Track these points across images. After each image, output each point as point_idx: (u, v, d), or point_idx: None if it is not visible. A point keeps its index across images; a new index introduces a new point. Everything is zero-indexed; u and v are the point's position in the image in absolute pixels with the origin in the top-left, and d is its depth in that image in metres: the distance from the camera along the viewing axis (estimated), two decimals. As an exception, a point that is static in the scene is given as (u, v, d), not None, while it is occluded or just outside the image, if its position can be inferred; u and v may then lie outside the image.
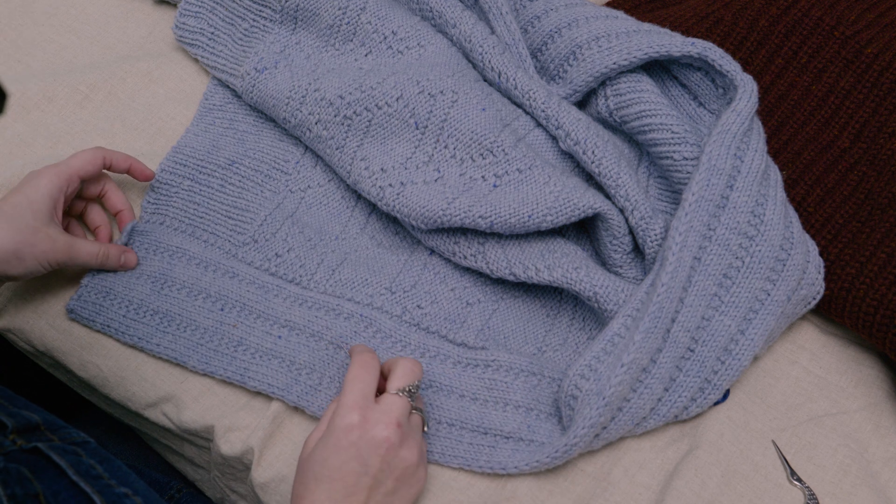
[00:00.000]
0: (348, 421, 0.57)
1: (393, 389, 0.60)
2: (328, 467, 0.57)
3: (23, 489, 0.50)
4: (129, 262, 0.70)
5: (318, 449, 0.58)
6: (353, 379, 0.59)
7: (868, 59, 0.80)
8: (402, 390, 0.60)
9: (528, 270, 0.68)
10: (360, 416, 0.58)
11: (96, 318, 0.69)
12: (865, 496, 0.66)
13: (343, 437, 0.57)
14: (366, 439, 0.57)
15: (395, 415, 0.59)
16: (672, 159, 0.69)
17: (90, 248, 0.67)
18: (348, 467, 0.57)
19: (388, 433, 0.58)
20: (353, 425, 0.57)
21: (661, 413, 0.65)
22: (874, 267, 0.69)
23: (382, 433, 0.58)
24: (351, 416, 0.57)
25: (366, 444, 0.57)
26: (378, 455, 0.57)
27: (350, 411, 0.58)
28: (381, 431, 0.58)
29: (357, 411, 0.58)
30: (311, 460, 0.58)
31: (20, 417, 0.56)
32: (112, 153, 0.70)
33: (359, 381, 0.59)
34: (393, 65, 0.74)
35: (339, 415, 0.58)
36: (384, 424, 0.58)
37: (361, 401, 0.58)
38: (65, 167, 0.67)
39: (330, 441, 0.57)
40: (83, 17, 0.85)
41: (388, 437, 0.58)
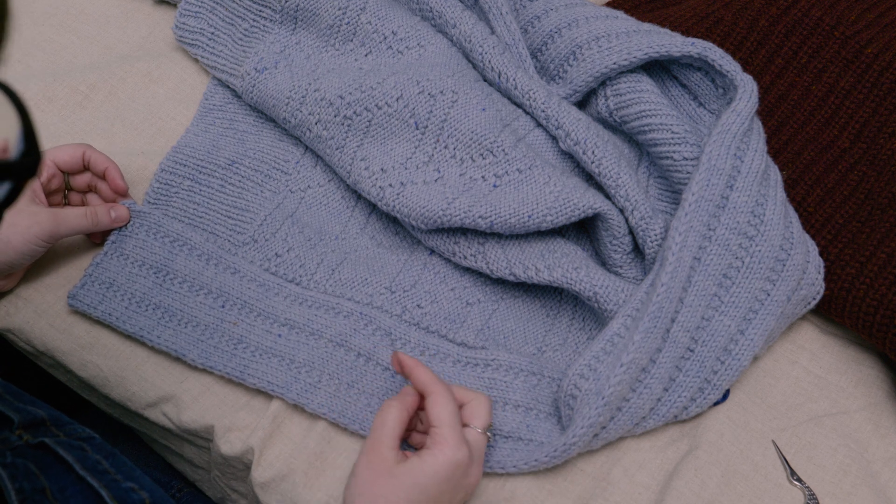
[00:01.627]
0: (462, 457, 0.57)
1: (480, 427, 0.61)
2: (427, 494, 0.57)
3: (30, 484, 0.50)
4: (120, 216, 0.70)
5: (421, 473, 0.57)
6: (454, 412, 0.59)
7: (868, 59, 0.80)
8: (486, 429, 0.61)
9: (528, 270, 0.68)
10: (469, 454, 0.58)
11: (97, 307, 0.69)
12: (865, 496, 0.66)
13: (453, 470, 0.57)
14: (466, 476, 0.59)
15: (483, 453, 0.61)
16: (672, 159, 0.69)
17: (76, 211, 0.67)
18: (443, 498, 0.58)
19: (479, 473, 0.60)
20: (464, 462, 0.58)
21: (661, 413, 0.65)
22: (874, 267, 0.69)
23: (477, 473, 0.60)
24: (463, 452, 0.58)
25: (464, 481, 0.59)
26: (464, 491, 0.60)
27: (462, 446, 0.58)
28: (477, 471, 0.60)
29: (466, 448, 0.58)
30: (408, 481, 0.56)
31: (26, 413, 0.56)
32: (94, 153, 0.70)
33: (457, 416, 0.59)
34: (393, 65, 0.74)
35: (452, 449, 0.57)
36: (478, 464, 0.60)
37: (462, 435, 0.59)
38: None
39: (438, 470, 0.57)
40: (83, 17, 0.85)
41: (478, 477, 0.60)
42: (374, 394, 0.66)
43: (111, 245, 0.71)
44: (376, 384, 0.66)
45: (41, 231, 0.64)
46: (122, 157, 0.76)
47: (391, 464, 0.57)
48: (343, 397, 0.66)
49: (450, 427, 0.58)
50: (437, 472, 0.57)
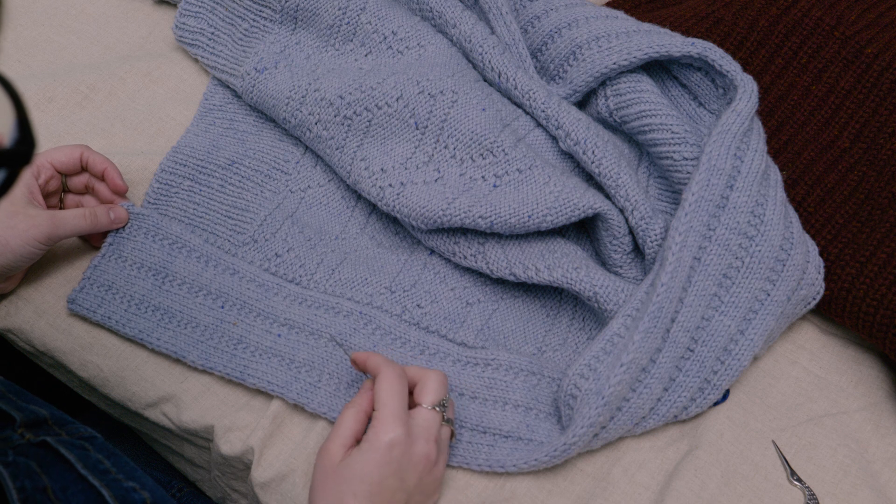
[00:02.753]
0: (393, 436, 0.56)
1: (427, 404, 0.59)
2: (369, 483, 0.56)
3: (31, 483, 0.50)
4: (119, 217, 0.70)
5: (358, 463, 0.56)
6: (390, 391, 0.58)
7: (868, 59, 0.80)
8: (436, 404, 0.59)
9: (528, 270, 0.68)
10: (404, 431, 0.57)
11: (97, 310, 0.69)
12: (865, 496, 0.66)
13: (387, 453, 0.56)
14: (408, 456, 0.57)
15: (433, 431, 0.58)
16: (672, 159, 0.69)
17: (75, 212, 0.67)
18: (388, 483, 0.56)
19: (428, 450, 0.58)
20: (398, 441, 0.56)
21: (661, 413, 0.65)
22: (874, 267, 0.69)
23: (423, 450, 0.57)
24: (396, 431, 0.56)
25: (407, 461, 0.57)
26: (416, 472, 0.57)
27: (395, 425, 0.57)
28: (422, 448, 0.57)
29: (401, 426, 0.57)
30: (350, 474, 0.56)
31: (28, 412, 0.56)
32: (92, 153, 0.70)
33: (397, 395, 0.58)
34: (393, 65, 0.74)
35: (384, 429, 0.56)
36: (424, 441, 0.58)
37: (403, 415, 0.57)
38: (39, 156, 0.67)
39: (373, 456, 0.56)
40: (83, 17, 0.85)
41: (427, 455, 0.58)
42: (374, 394, 0.66)
43: (108, 247, 0.71)
44: (376, 384, 0.66)
45: (39, 233, 0.64)
46: (122, 157, 0.76)
47: (337, 462, 0.57)
48: (343, 397, 0.66)
49: (384, 406, 0.57)
50: (373, 457, 0.56)
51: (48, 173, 0.68)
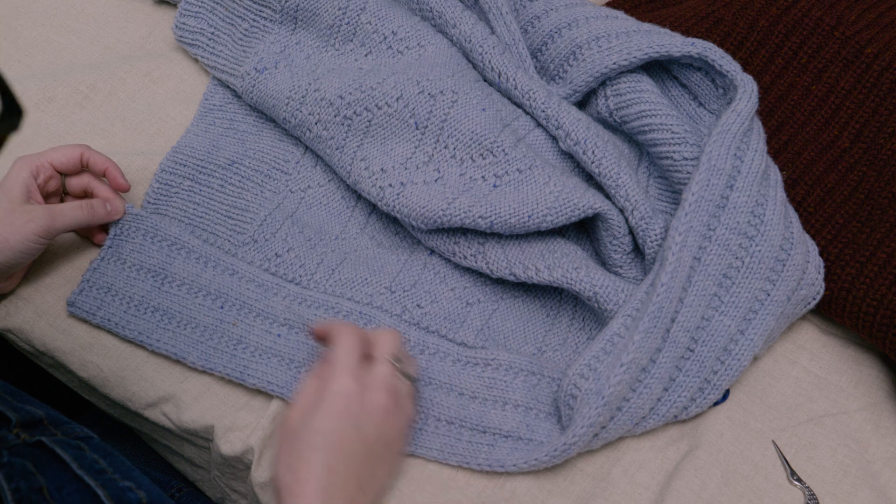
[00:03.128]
0: (345, 388, 0.57)
1: (380, 357, 0.60)
2: (323, 434, 0.56)
3: (27, 483, 0.50)
4: (115, 209, 0.70)
5: (313, 418, 0.57)
6: (341, 348, 0.59)
7: (868, 59, 0.80)
8: (390, 357, 0.60)
9: (528, 270, 0.68)
10: (356, 383, 0.57)
11: (96, 313, 0.69)
12: (865, 496, 0.66)
13: (340, 404, 0.57)
14: (361, 405, 0.57)
15: (387, 381, 0.59)
16: (672, 159, 0.69)
17: (72, 205, 0.67)
18: (344, 433, 0.56)
19: (382, 399, 0.58)
20: (351, 392, 0.57)
21: (661, 413, 0.65)
22: (874, 267, 0.69)
23: (376, 399, 0.58)
24: (348, 383, 0.57)
25: (361, 410, 0.57)
26: (373, 422, 0.57)
27: (346, 378, 0.57)
28: (376, 398, 0.58)
29: (353, 378, 0.58)
30: (305, 430, 0.57)
31: (24, 412, 0.56)
32: (93, 153, 0.70)
33: (348, 350, 0.59)
34: (393, 65, 0.74)
35: (336, 382, 0.57)
36: (376, 390, 0.58)
37: (355, 368, 0.58)
38: (38, 156, 0.67)
39: (326, 409, 0.57)
40: (83, 17, 0.85)
41: (382, 404, 0.58)
42: (374, 394, 0.66)
43: (107, 250, 0.71)
44: (376, 384, 0.66)
45: (37, 227, 0.64)
46: (122, 157, 0.76)
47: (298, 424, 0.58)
48: (343, 397, 0.66)
49: (337, 363, 0.58)
50: (326, 409, 0.56)
51: (47, 173, 0.68)
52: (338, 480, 0.55)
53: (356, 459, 0.57)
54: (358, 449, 0.57)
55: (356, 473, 0.57)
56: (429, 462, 0.65)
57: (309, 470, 0.55)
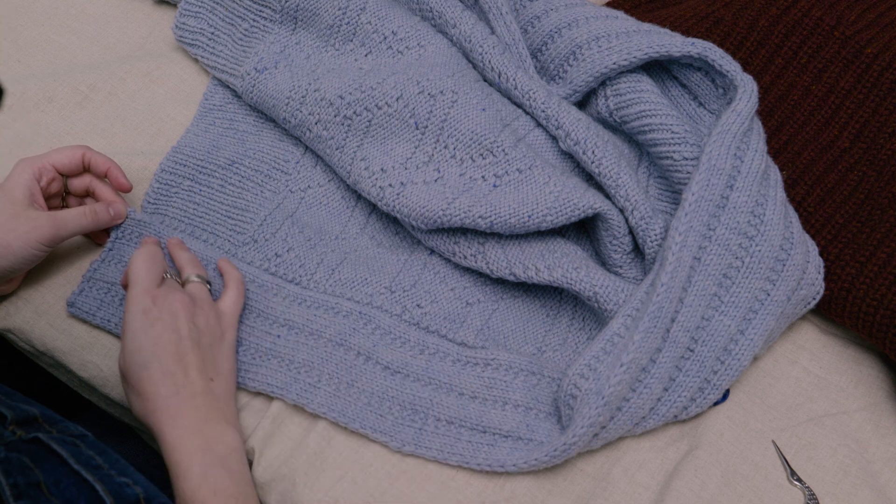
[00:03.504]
0: (143, 305, 0.61)
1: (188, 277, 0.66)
2: (146, 349, 0.59)
3: (24, 478, 0.50)
4: (118, 213, 0.71)
5: (128, 344, 0.60)
6: (137, 269, 0.63)
7: (868, 59, 0.80)
8: (192, 277, 0.66)
9: (528, 270, 0.68)
10: (150, 297, 0.61)
11: (96, 313, 0.69)
12: (865, 496, 0.66)
13: (144, 319, 0.60)
14: (165, 310, 0.61)
15: (176, 286, 0.64)
16: (672, 159, 0.69)
17: (75, 211, 0.67)
18: (164, 339, 0.60)
19: (180, 296, 0.63)
20: (149, 306, 0.61)
21: (661, 413, 0.65)
22: (874, 267, 0.69)
23: (176, 298, 0.62)
24: (143, 300, 0.61)
25: (167, 314, 0.61)
26: (182, 318, 0.61)
27: (141, 297, 0.61)
28: (171, 298, 0.62)
29: (147, 295, 0.61)
30: (128, 359, 0.60)
31: (19, 410, 0.56)
32: (94, 154, 0.70)
33: (142, 271, 0.63)
34: (393, 65, 0.74)
35: (133, 303, 0.61)
36: (168, 292, 0.62)
37: (150, 285, 0.62)
38: (39, 158, 0.68)
39: (134, 328, 0.60)
40: (83, 17, 0.85)
41: (181, 299, 0.62)
42: (373, 393, 0.66)
43: (108, 252, 0.71)
44: (376, 383, 0.66)
45: (41, 235, 0.64)
46: (122, 157, 0.76)
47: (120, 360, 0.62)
48: (343, 397, 0.66)
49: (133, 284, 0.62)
50: (134, 329, 0.60)
51: (50, 175, 0.68)
52: (181, 379, 0.59)
53: (188, 355, 0.60)
54: (185, 346, 0.60)
55: (196, 367, 0.60)
56: (429, 462, 0.65)
57: (152, 383, 0.59)
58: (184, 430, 0.58)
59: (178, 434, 0.57)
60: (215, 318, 0.64)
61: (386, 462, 0.65)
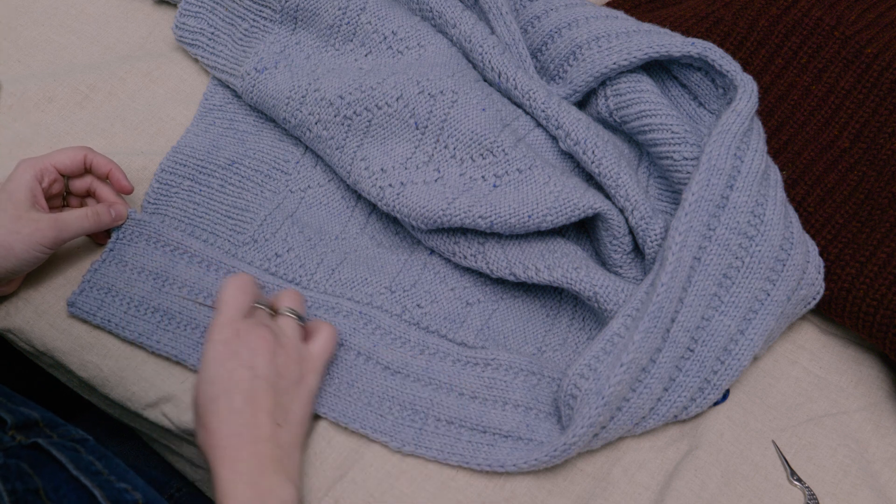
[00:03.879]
0: (224, 335, 0.59)
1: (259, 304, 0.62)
2: (219, 382, 0.57)
3: (23, 484, 0.50)
4: (119, 214, 0.70)
5: (203, 372, 0.58)
6: (226, 298, 0.61)
7: (868, 59, 0.80)
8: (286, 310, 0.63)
9: (528, 270, 0.68)
10: (233, 329, 0.59)
11: (97, 313, 0.69)
12: (865, 496, 0.66)
13: (223, 350, 0.58)
14: (244, 345, 0.58)
15: (263, 320, 0.61)
16: (672, 159, 0.69)
17: (77, 213, 0.67)
18: (237, 375, 0.57)
19: (262, 333, 0.59)
20: (230, 338, 0.58)
21: (661, 413, 0.65)
22: (874, 267, 0.69)
23: (258, 334, 0.59)
24: (225, 331, 0.59)
25: (246, 350, 0.58)
26: (261, 356, 0.58)
27: (225, 326, 0.59)
28: (254, 333, 0.59)
29: (230, 325, 0.59)
30: (201, 387, 0.58)
31: (19, 414, 0.56)
32: (96, 155, 0.70)
33: (231, 300, 0.60)
34: (393, 65, 0.74)
35: (215, 332, 0.59)
36: (253, 327, 0.60)
37: (236, 315, 0.60)
38: (41, 159, 0.67)
39: (211, 358, 0.58)
40: (83, 17, 0.85)
41: (263, 336, 0.59)
42: (374, 393, 0.66)
43: (109, 253, 0.71)
44: (376, 383, 0.66)
45: (44, 238, 0.64)
46: (122, 157, 0.76)
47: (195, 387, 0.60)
48: (343, 397, 0.66)
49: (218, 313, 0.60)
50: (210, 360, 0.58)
51: (51, 176, 0.68)
52: (248, 419, 0.57)
53: (260, 396, 0.57)
54: (257, 386, 0.58)
55: (265, 409, 0.57)
56: (429, 462, 0.65)
57: (218, 418, 0.57)
58: (238, 477, 0.55)
59: (233, 479, 0.55)
60: (298, 359, 0.61)
61: (386, 462, 0.65)
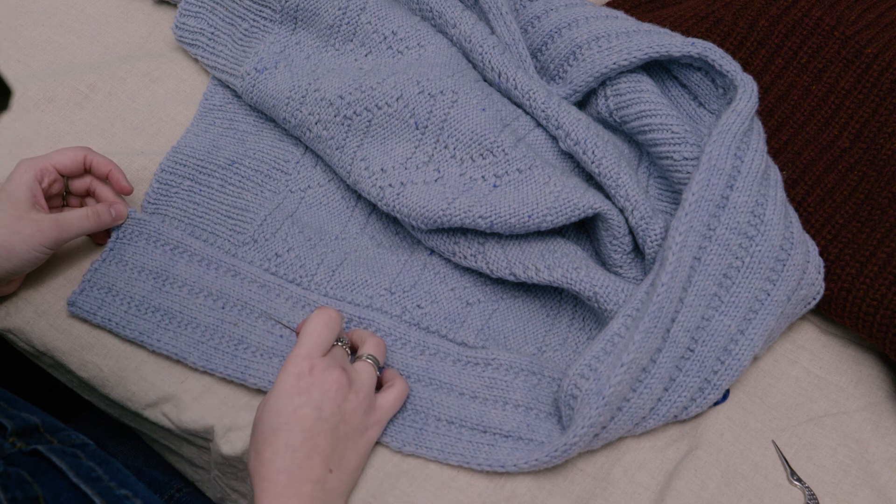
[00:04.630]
0: (299, 369, 0.59)
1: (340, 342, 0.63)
2: (283, 415, 0.58)
3: (23, 493, 0.50)
4: (120, 213, 0.70)
5: (271, 400, 0.59)
6: (309, 332, 0.61)
7: (868, 59, 0.80)
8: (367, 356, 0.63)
9: (528, 270, 0.68)
10: (309, 365, 0.59)
11: (97, 313, 0.69)
12: (865, 496, 0.66)
13: (295, 384, 0.58)
14: (317, 384, 0.59)
15: (340, 361, 0.61)
16: (672, 159, 0.69)
17: (77, 213, 0.67)
18: (302, 412, 0.58)
19: (337, 376, 0.59)
20: (304, 372, 0.59)
21: (661, 413, 0.65)
22: (874, 267, 0.69)
23: (332, 377, 0.59)
24: (301, 365, 0.59)
25: (317, 389, 0.59)
26: (331, 400, 0.59)
27: (302, 360, 0.59)
28: (329, 375, 0.59)
29: (307, 360, 0.59)
30: (265, 413, 0.59)
31: (19, 419, 0.56)
32: (96, 155, 0.70)
33: (314, 334, 0.61)
34: (393, 65, 0.74)
35: (291, 363, 0.59)
36: (330, 368, 0.60)
37: (314, 351, 0.60)
38: (41, 159, 0.68)
39: (282, 389, 0.59)
40: (83, 17, 0.85)
41: (337, 380, 0.59)
42: (374, 394, 0.66)
43: (109, 252, 0.71)
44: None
45: (45, 238, 0.65)
46: (122, 157, 0.76)
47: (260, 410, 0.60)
48: (343, 397, 0.66)
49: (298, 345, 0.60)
50: (281, 391, 0.59)
51: (51, 177, 0.68)
52: (301, 459, 0.57)
53: (319, 438, 0.58)
54: (319, 428, 0.58)
55: (322, 453, 0.58)
56: (429, 462, 0.65)
57: (272, 450, 0.57)
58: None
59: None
60: (366, 409, 0.61)
61: (386, 462, 0.65)
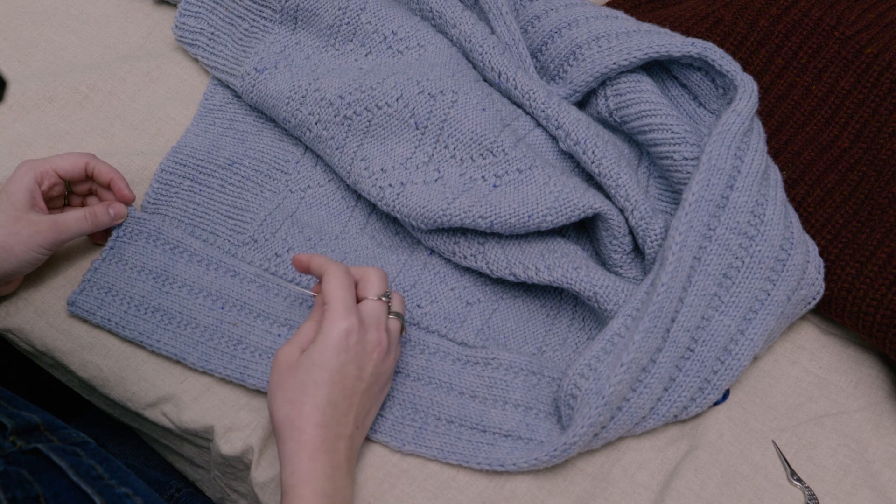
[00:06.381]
0: (347, 325, 0.58)
1: (372, 295, 0.61)
2: (329, 370, 0.58)
3: (23, 492, 0.50)
4: (118, 213, 0.70)
5: (316, 352, 0.58)
6: (338, 285, 0.60)
7: (868, 59, 0.80)
8: (380, 295, 0.62)
9: (528, 270, 0.68)
10: (356, 320, 0.59)
11: (97, 313, 0.69)
12: (865, 496, 0.66)
13: (344, 341, 0.58)
14: (362, 344, 0.59)
15: (382, 319, 0.61)
16: (672, 159, 0.69)
17: (75, 214, 0.67)
18: (347, 370, 0.58)
19: (380, 338, 0.60)
20: (352, 329, 0.58)
21: (661, 413, 0.65)
22: (874, 267, 0.69)
23: (375, 338, 0.60)
24: (349, 320, 0.59)
25: (362, 349, 0.59)
26: (371, 360, 0.60)
27: (347, 315, 0.59)
28: (374, 336, 0.60)
29: (353, 315, 0.59)
30: (311, 364, 0.58)
31: (20, 418, 0.56)
32: (98, 163, 0.70)
33: (345, 288, 0.60)
34: (393, 65, 0.74)
35: (338, 318, 0.58)
36: (375, 329, 0.60)
37: (353, 306, 0.60)
38: (43, 162, 0.68)
39: (330, 343, 0.58)
40: (83, 17, 0.85)
41: (380, 342, 0.60)
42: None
43: (109, 251, 0.71)
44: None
45: (43, 239, 0.65)
46: (122, 157, 0.76)
47: (293, 362, 0.59)
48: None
49: (336, 299, 0.59)
50: (329, 344, 0.58)
51: (52, 180, 0.68)
52: (338, 416, 0.58)
53: (355, 397, 0.59)
54: (357, 386, 0.59)
55: (355, 410, 0.59)
56: (429, 461, 0.65)
57: (314, 403, 0.57)
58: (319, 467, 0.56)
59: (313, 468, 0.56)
60: (391, 369, 0.63)
61: (386, 462, 0.65)
